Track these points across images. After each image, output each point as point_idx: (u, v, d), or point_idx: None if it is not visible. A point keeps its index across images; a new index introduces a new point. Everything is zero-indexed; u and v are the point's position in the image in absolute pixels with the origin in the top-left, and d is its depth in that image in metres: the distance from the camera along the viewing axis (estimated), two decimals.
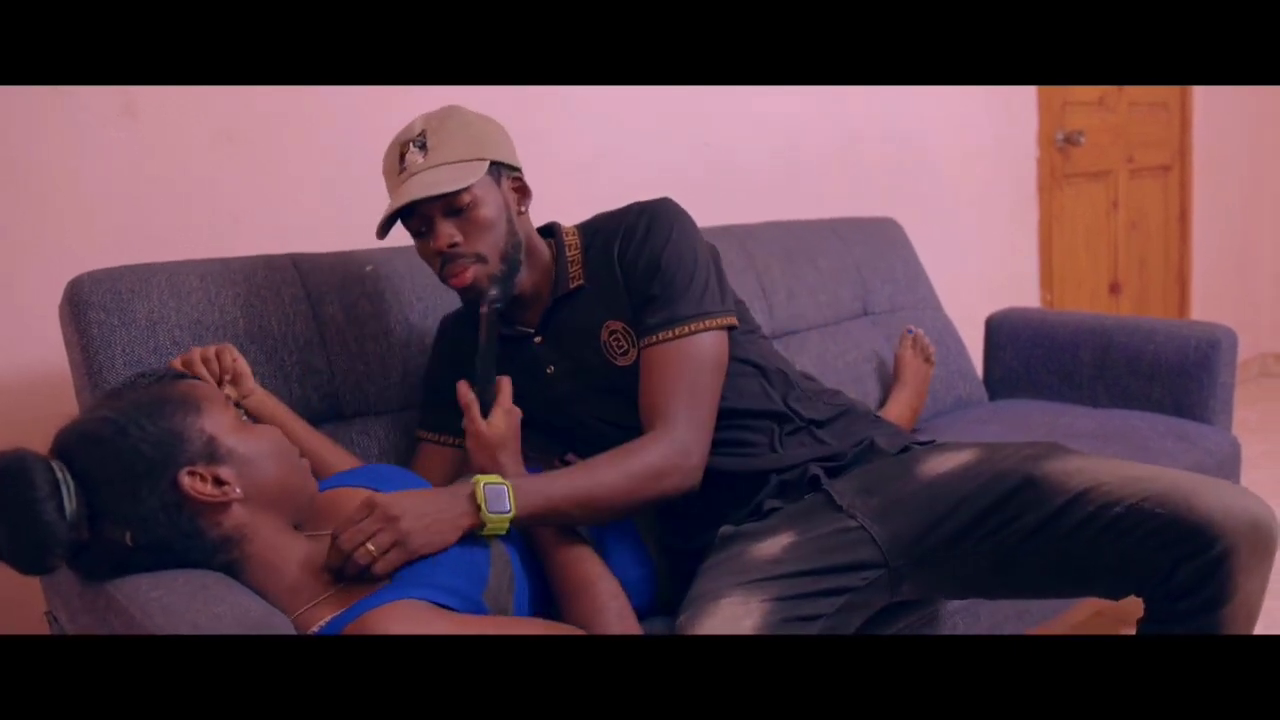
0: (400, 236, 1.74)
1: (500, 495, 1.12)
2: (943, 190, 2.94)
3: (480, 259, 1.29)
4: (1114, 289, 3.59)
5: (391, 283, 1.58)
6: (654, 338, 1.27)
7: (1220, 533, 1.03)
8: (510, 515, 1.12)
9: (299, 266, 1.52)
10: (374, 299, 1.55)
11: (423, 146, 1.27)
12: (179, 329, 1.37)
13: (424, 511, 1.08)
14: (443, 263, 1.29)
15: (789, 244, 2.09)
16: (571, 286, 1.35)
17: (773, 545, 1.19)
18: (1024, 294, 3.24)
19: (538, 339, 1.37)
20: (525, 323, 1.38)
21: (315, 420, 1.47)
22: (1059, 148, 3.27)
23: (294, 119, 1.75)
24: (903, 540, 1.18)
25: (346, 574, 1.06)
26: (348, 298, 1.53)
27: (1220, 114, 3.95)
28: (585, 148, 2.14)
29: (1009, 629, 1.47)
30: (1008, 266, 3.19)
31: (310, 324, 1.48)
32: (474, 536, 1.15)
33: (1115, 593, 1.13)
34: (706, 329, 1.27)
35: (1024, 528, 1.13)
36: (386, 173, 1.32)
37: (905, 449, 1.31)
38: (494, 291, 1.30)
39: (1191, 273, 3.93)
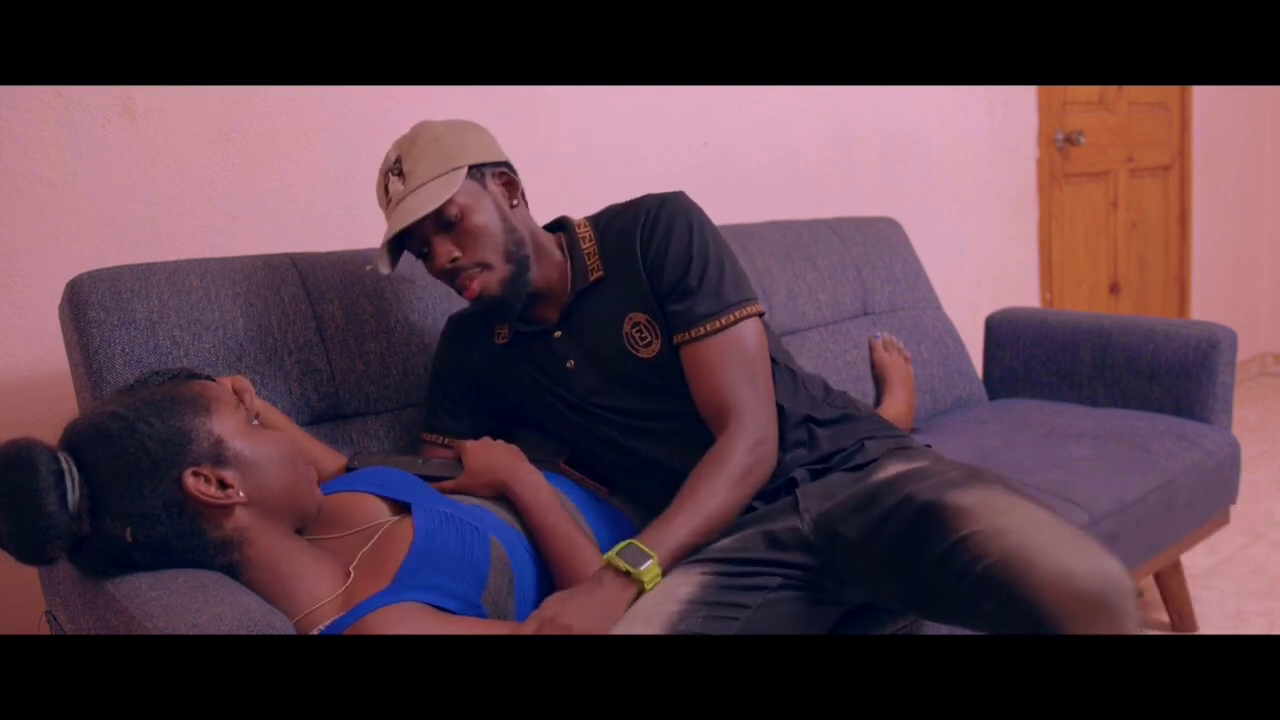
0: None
1: (636, 553, 1.13)
2: (942, 190, 2.95)
3: (484, 266, 1.29)
4: (1114, 289, 3.59)
5: (391, 282, 1.58)
6: (701, 329, 1.28)
7: (1045, 613, 0.97)
8: (655, 562, 1.13)
9: (299, 266, 1.52)
10: (374, 299, 1.55)
11: (400, 173, 1.28)
12: (179, 329, 1.37)
13: (589, 609, 1.09)
14: (450, 278, 1.30)
15: (788, 244, 2.09)
16: (592, 279, 1.35)
17: (730, 538, 1.21)
18: (1024, 294, 3.24)
19: (557, 334, 1.37)
20: (544, 318, 1.38)
21: (315, 420, 1.47)
22: (1059, 148, 3.27)
23: (293, 119, 1.75)
24: (839, 551, 1.18)
25: None
26: (347, 297, 1.53)
27: (1220, 114, 3.95)
28: (584, 147, 2.14)
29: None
30: (1007, 266, 3.19)
31: (310, 324, 1.48)
32: (473, 537, 1.16)
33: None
34: (748, 315, 1.30)
35: (930, 562, 1.10)
36: (380, 205, 1.33)
37: (892, 450, 1.30)
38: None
39: (1191, 273, 3.94)
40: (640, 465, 1.34)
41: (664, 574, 1.14)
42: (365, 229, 1.83)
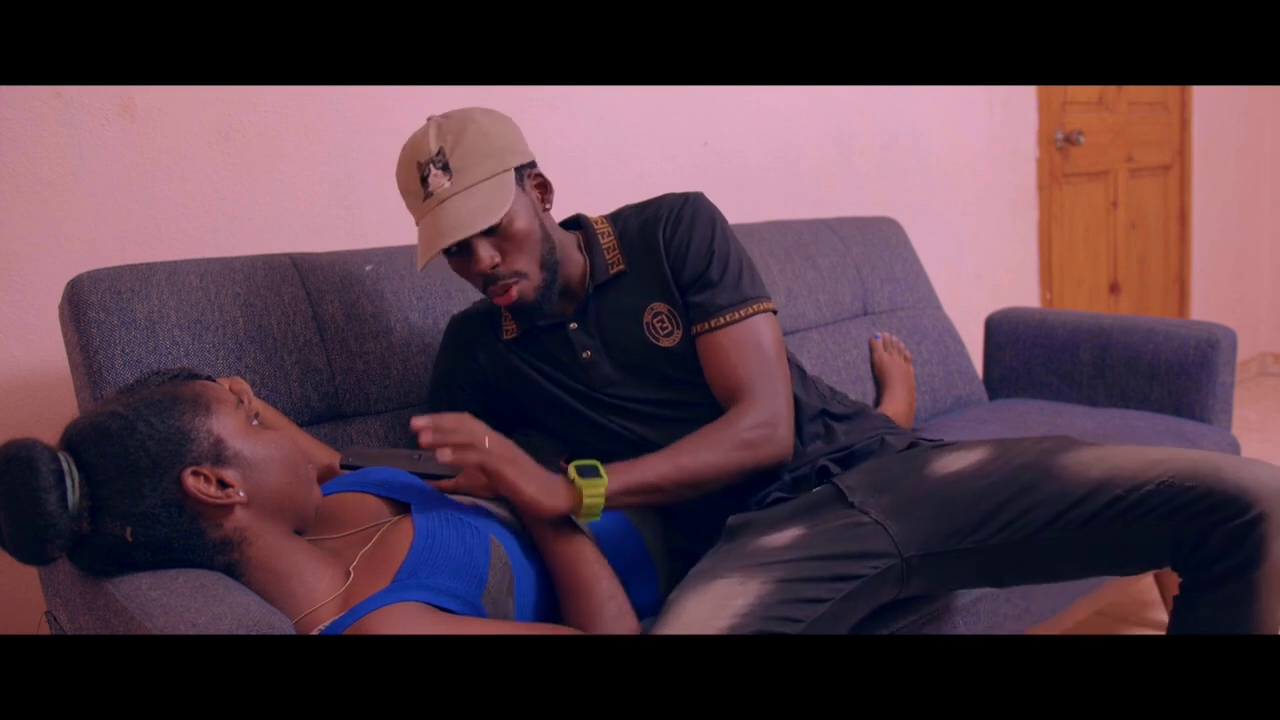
0: (399, 236, 1.74)
1: (592, 472, 1.15)
2: (942, 190, 2.95)
3: (521, 275, 1.28)
4: (1113, 288, 3.59)
5: (391, 282, 1.58)
6: (720, 319, 1.31)
7: (1254, 499, 1.06)
8: (603, 486, 1.14)
9: (299, 266, 1.52)
10: (374, 299, 1.55)
11: (445, 168, 1.22)
12: (179, 329, 1.38)
13: (526, 473, 1.15)
14: (486, 282, 1.28)
15: (788, 243, 2.09)
16: (612, 272, 1.36)
17: (782, 536, 1.18)
18: (1024, 293, 3.24)
19: (572, 325, 1.37)
20: (558, 312, 1.38)
21: (315, 420, 1.47)
22: (1059, 147, 3.27)
23: (293, 119, 1.75)
24: (917, 537, 1.19)
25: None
26: (347, 297, 1.53)
27: (1220, 114, 3.95)
28: (585, 147, 2.14)
29: (1009, 629, 1.47)
30: (1007, 266, 3.19)
31: (310, 323, 1.48)
32: (473, 537, 1.16)
33: (1141, 568, 1.17)
34: (764, 310, 1.33)
35: (1040, 518, 1.15)
36: (406, 192, 1.27)
37: (913, 444, 1.33)
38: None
39: (1191, 272, 3.94)
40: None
41: (607, 503, 1.16)
42: (365, 229, 1.83)
